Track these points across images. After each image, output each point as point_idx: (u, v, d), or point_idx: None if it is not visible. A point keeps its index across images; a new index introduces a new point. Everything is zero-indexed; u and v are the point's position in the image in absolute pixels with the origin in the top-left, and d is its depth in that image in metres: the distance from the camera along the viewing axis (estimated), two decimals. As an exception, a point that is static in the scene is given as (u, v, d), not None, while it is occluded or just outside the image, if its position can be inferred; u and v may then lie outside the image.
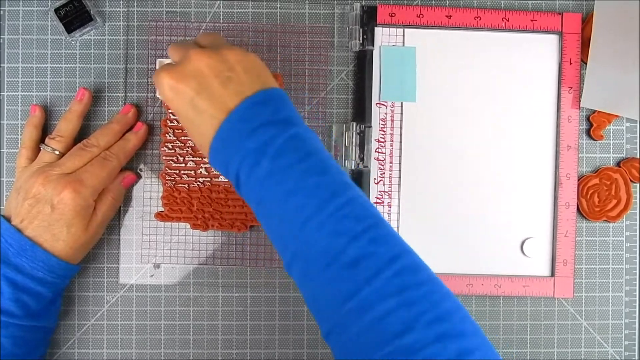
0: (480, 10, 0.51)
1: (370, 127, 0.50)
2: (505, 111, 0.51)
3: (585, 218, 0.51)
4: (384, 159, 0.51)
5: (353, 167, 0.50)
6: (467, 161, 0.51)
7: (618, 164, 0.52)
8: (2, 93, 0.50)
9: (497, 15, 0.51)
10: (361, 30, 0.50)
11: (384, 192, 0.51)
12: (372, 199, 0.50)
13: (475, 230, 0.51)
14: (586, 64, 0.51)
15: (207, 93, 0.37)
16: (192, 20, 0.50)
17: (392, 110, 0.51)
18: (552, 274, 0.51)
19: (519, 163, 0.51)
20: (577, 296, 0.51)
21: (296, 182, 0.35)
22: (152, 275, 0.50)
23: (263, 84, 0.38)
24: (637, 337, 0.51)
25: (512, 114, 0.51)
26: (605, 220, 0.51)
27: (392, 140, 0.51)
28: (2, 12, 0.50)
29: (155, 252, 0.50)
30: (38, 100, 0.50)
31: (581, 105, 0.51)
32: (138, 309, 0.50)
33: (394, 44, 0.51)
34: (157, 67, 0.49)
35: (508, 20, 0.51)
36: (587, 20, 0.51)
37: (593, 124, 0.51)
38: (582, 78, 0.51)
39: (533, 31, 0.51)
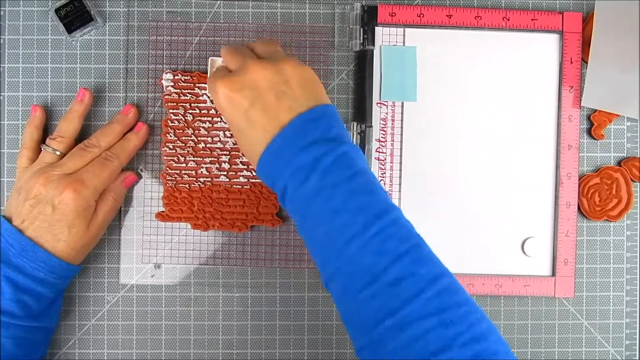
0: (480, 9, 0.51)
1: (371, 126, 0.50)
2: (506, 110, 0.51)
3: (586, 217, 0.51)
4: (385, 159, 0.51)
5: None
6: (468, 161, 0.51)
7: (619, 163, 0.52)
8: (2, 93, 0.50)
9: (497, 15, 0.51)
10: (362, 30, 0.50)
11: None
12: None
13: (476, 229, 0.51)
14: (587, 63, 0.51)
15: (261, 105, 0.38)
16: (193, 20, 0.50)
17: (393, 110, 0.51)
18: (553, 274, 0.51)
19: (519, 162, 0.51)
20: (578, 296, 0.51)
21: (343, 201, 0.36)
22: (152, 276, 0.50)
23: (316, 100, 0.39)
24: (637, 336, 0.51)
25: (512, 114, 0.51)
26: (606, 220, 0.51)
27: (393, 140, 0.51)
28: (2, 12, 0.50)
29: (156, 252, 0.50)
30: (39, 101, 0.50)
31: (582, 105, 0.51)
32: (139, 309, 0.50)
33: (395, 43, 0.51)
34: (209, 66, 0.49)
35: (509, 20, 0.51)
36: (587, 20, 0.51)
37: (594, 123, 0.51)
38: (583, 77, 0.51)
39: (534, 30, 0.51)
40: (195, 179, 0.49)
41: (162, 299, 0.50)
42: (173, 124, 0.49)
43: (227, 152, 0.50)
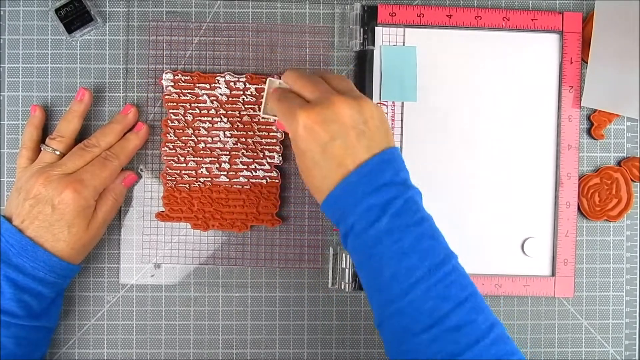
0: (480, 9, 0.51)
1: None
2: (506, 110, 0.51)
3: (586, 217, 0.51)
4: None
5: None
6: (468, 160, 0.51)
7: (619, 163, 0.52)
8: (2, 93, 0.50)
9: (497, 15, 0.51)
10: (362, 30, 0.50)
11: None
12: None
13: (476, 229, 0.51)
14: (587, 63, 0.51)
15: (342, 142, 0.39)
16: (193, 20, 0.50)
17: (393, 110, 0.51)
18: (553, 274, 0.51)
19: (519, 162, 0.51)
20: (578, 296, 0.51)
21: (412, 244, 0.38)
22: (152, 275, 0.50)
23: (388, 142, 0.40)
24: (637, 336, 0.51)
25: (512, 114, 0.51)
26: (606, 220, 0.51)
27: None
28: (2, 12, 0.50)
29: (156, 252, 0.50)
30: (39, 101, 0.50)
31: (582, 105, 0.51)
32: (138, 309, 0.50)
33: (395, 43, 0.51)
34: (267, 86, 0.46)
35: (509, 20, 0.51)
36: (587, 20, 0.51)
37: (594, 123, 0.51)
38: (583, 77, 0.51)
39: (534, 30, 0.51)
40: (195, 179, 0.49)
41: (162, 298, 0.50)
42: (173, 124, 0.49)
43: (227, 152, 0.50)
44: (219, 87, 0.49)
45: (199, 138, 0.50)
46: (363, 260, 0.39)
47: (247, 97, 0.49)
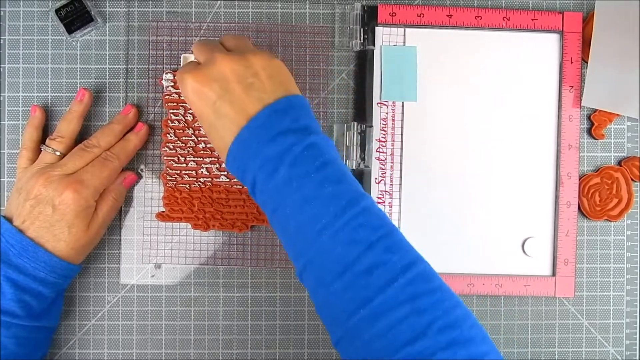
0: (480, 9, 0.51)
1: (371, 126, 0.50)
2: (506, 110, 0.51)
3: (587, 217, 0.51)
4: (385, 159, 0.51)
5: (354, 167, 0.50)
6: (468, 160, 0.51)
7: (619, 163, 0.52)
8: (2, 94, 0.50)
9: (497, 15, 0.51)
10: (362, 30, 0.50)
11: (385, 191, 0.51)
12: (374, 199, 0.50)
13: (476, 229, 0.51)
14: (587, 63, 0.51)
15: (229, 97, 0.38)
16: (193, 20, 0.50)
17: (393, 110, 0.51)
18: (553, 274, 0.51)
19: (520, 162, 0.51)
20: (578, 295, 0.51)
21: (313, 191, 0.36)
22: (153, 276, 0.50)
23: (285, 90, 0.39)
24: (638, 336, 0.51)
25: (513, 113, 0.51)
26: (607, 220, 0.51)
27: (393, 140, 0.51)
28: (2, 12, 0.50)
29: (157, 252, 0.50)
30: (39, 101, 0.50)
31: (582, 104, 0.51)
32: (139, 309, 0.50)
33: (395, 43, 0.51)
34: (181, 62, 0.49)
35: (509, 20, 0.51)
36: (587, 20, 0.51)
37: (594, 123, 0.51)
38: (583, 77, 0.51)
39: (534, 30, 0.51)
40: (195, 179, 0.49)
41: (163, 299, 0.50)
42: (173, 124, 0.49)
43: None
44: None
45: (199, 138, 0.49)
46: (270, 215, 0.38)
47: None
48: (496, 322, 0.51)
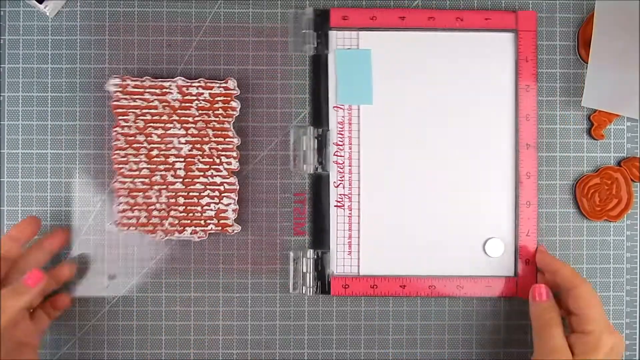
0: (433, 10, 0.50)
1: (328, 130, 0.50)
2: (464, 111, 0.51)
3: (586, 217, 0.51)
4: (343, 162, 0.50)
5: (312, 172, 0.50)
6: (427, 162, 0.50)
7: (619, 164, 0.52)
8: (2, 94, 0.50)
9: (450, 15, 0.50)
10: (315, 34, 0.50)
11: (344, 195, 0.50)
12: (333, 203, 0.50)
13: (437, 230, 0.50)
14: (587, 63, 0.51)
15: None
16: (193, 20, 0.50)
17: (350, 113, 0.50)
18: (515, 274, 0.50)
19: (479, 163, 0.51)
20: (578, 296, 0.51)
21: None
22: (107, 287, 0.50)
23: None
24: (637, 336, 0.51)
25: (470, 114, 0.51)
26: (606, 220, 0.51)
27: (351, 143, 0.50)
28: (2, 12, 0.50)
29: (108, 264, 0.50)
30: (39, 101, 0.50)
31: (582, 105, 0.51)
32: (139, 309, 0.50)
33: (349, 47, 0.50)
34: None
35: (462, 20, 0.50)
36: (587, 20, 0.51)
37: (594, 124, 0.51)
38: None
39: (488, 30, 0.50)
40: (149, 186, 0.48)
41: (162, 299, 0.50)
42: (123, 131, 0.48)
43: (182, 159, 0.48)
44: (171, 93, 0.49)
45: (151, 145, 0.49)
46: None
47: (200, 103, 0.48)
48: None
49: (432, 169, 0.51)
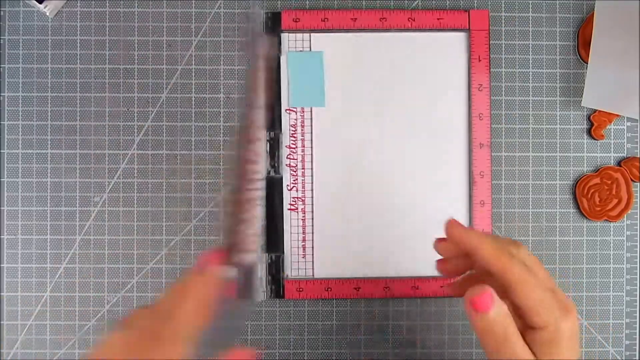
0: (385, 11, 0.50)
1: (281, 133, 0.50)
2: (417, 112, 0.51)
3: (586, 217, 0.51)
4: (296, 165, 0.50)
5: (264, 175, 0.49)
6: (380, 163, 0.50)
7: (619, 164, 0.52)
8: (2, 94, 0.50)
9: (402, 16, 0.50)
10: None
11: (297, 198, 0.50)
12: (286, 206, 0.50)
13: (391, 232, 0.50)
14: (587, 63, 0.51)
15: None
16: (193, 20, 0.50)
17: (302, 116, 0.50)
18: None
19: (433, 163, 0.51)
20: (578, 295, 0.51)
21: None
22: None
23: None
24: (638, 336, 0.51)
25: (424, 114, 0.51)
26: (606, 220, 0.51)
27: (304, 146, 0.50)
28: (2, 12, 0.50)
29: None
30: (39, 101, 0.50)
31: (582, 105, 0.51)
32: (139, 309, 0.50)
33: (301, 49, 0.50)
34: None
35: (414, 20, 0.50)
36: (587, 20, 0.51)
37: (594, 124, 0.51)
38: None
39: (440, 30, 0.50)
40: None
41: (163, 299, 0.50)
42: None
43: None
44: None
45: None
46: None
47: None
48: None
49: (385, 169, 0.50)
